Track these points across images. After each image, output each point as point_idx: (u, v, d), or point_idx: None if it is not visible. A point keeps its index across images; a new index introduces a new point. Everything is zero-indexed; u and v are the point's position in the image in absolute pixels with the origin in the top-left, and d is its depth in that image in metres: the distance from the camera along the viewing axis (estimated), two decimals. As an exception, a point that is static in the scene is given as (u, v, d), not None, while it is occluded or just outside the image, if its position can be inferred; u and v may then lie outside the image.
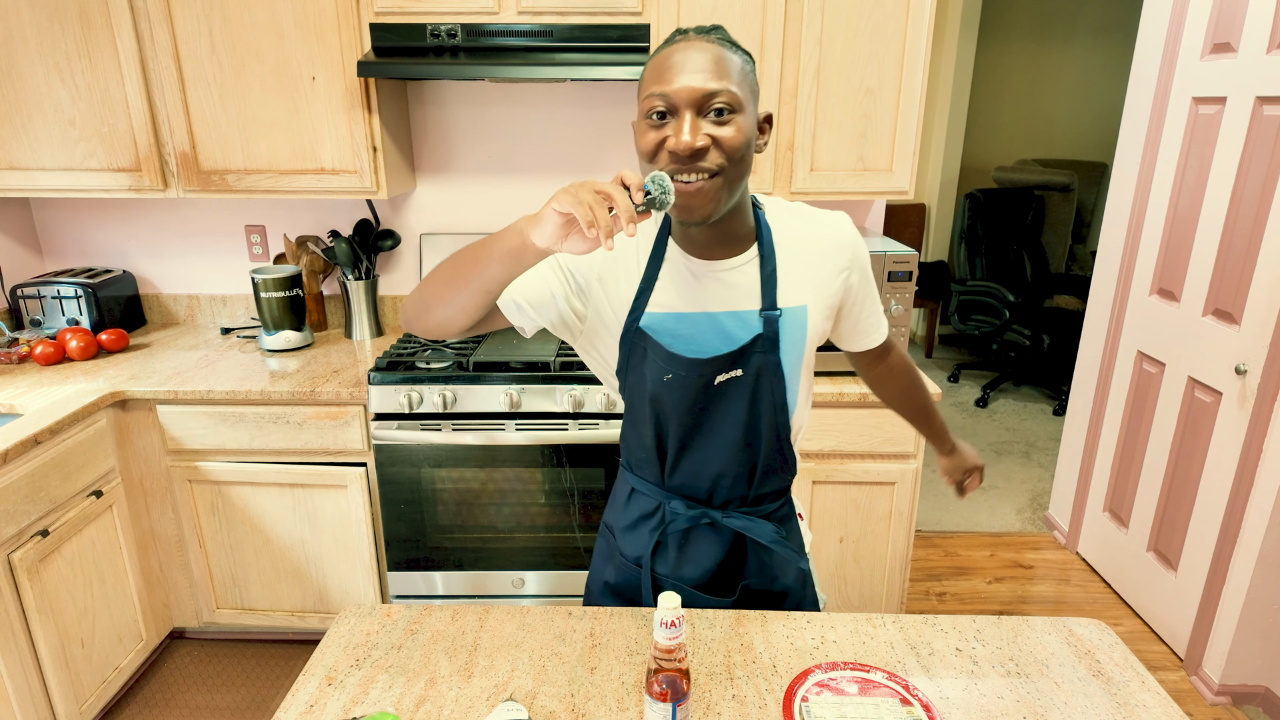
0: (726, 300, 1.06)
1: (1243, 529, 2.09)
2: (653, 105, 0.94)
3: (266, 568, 2.22)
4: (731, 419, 1.09)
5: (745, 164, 0.97)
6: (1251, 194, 2.06)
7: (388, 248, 2.48)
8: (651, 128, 0.95)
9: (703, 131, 0.92)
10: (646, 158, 0.96)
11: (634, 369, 1.10)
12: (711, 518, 1.14)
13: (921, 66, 2.05)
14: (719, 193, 0.95)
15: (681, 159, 0.92)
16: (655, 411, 1.10)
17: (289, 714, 0.97)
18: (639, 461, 1.18)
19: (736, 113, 0.94)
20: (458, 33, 2.02)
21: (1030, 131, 5.16)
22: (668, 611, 0.85)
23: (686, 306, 1.06)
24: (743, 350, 1.06)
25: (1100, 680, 1.03)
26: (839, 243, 1.11)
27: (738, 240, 1.06)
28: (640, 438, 1.15)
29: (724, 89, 0.92)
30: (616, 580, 1.23)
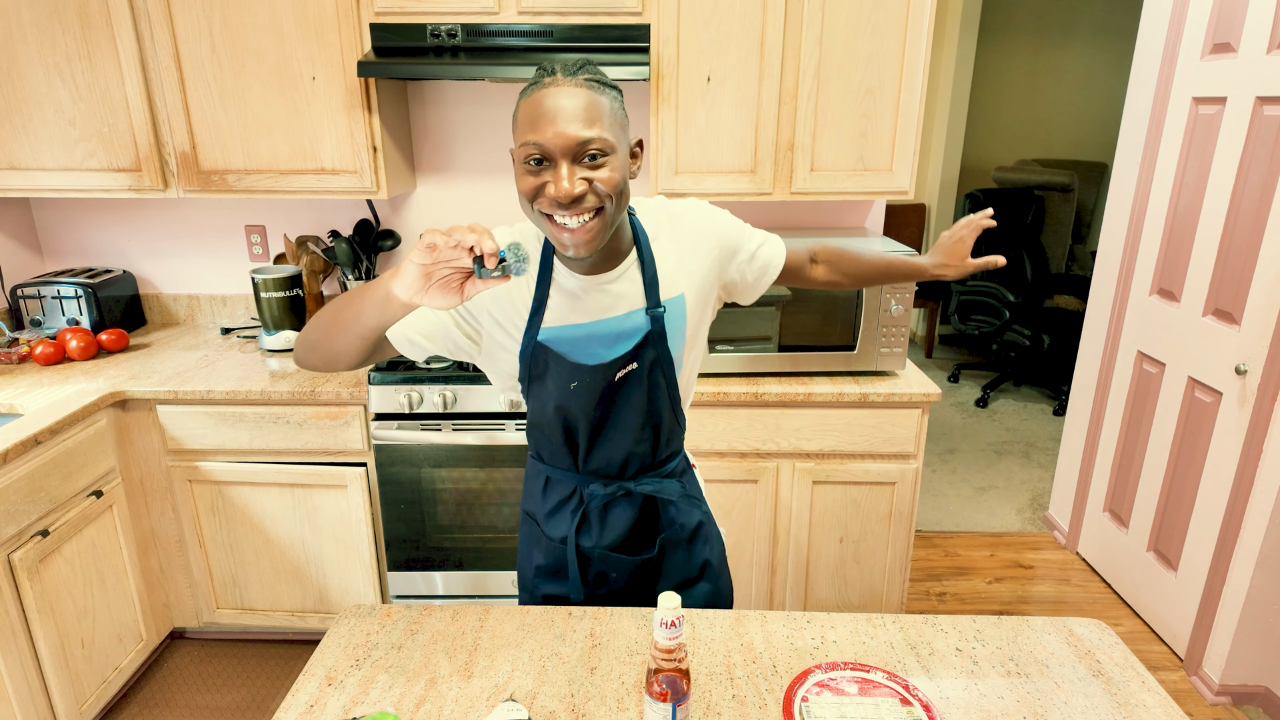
0: (614, 307, 1.15)
1: (1243, 529, 2.09)
2: (529, 153, 0.99)
3: (266, 568, 2.22)
4: (633, 405, 1.18)
5: (624, 197, 1.04)
6: (1252, 194, 2.06)
7: (388, 248, 2.48)
8: (529, 173, 1.00)
9: (579, 177, 0.98)
10: (528, 199, 1.02)
11: (537, 379, 1.18)
12: (626, 488, 1.23)
13: (922, 66, 2.05)
14: (602, 229, 1.02)
15: (563, 205, 0.98)
16: (563, 415, 1.18)
17: (289, 714, 0.97)
18: (551, 454, 1.25)
19: (610, 155, 1.00)
20: (458, 33, 2.02)
21: (1030, 131, 5.16)
22: (668, 612, 0.85)
23: (579, 318, 1.15)
24: (637, 348, 1.15)
25: (1100, 680, 1.03)
26: (699, 226, 1.21)
27: (618, 254, 1.14)
28: (550, 437, 1.23)
29: (596, 136, 0.97)
30: (546, 561, 1.29)
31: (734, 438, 2.09)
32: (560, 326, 1.14)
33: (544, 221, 1.02)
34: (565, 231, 1.00)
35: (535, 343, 1.14)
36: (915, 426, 2.07)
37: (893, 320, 2.09)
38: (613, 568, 1.25)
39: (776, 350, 2.11)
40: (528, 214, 1.05)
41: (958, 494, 3.36)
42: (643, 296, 1.16)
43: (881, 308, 2.07)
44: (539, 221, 1.04)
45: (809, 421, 2.07)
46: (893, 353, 2.12)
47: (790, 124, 2.10)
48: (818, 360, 2.12)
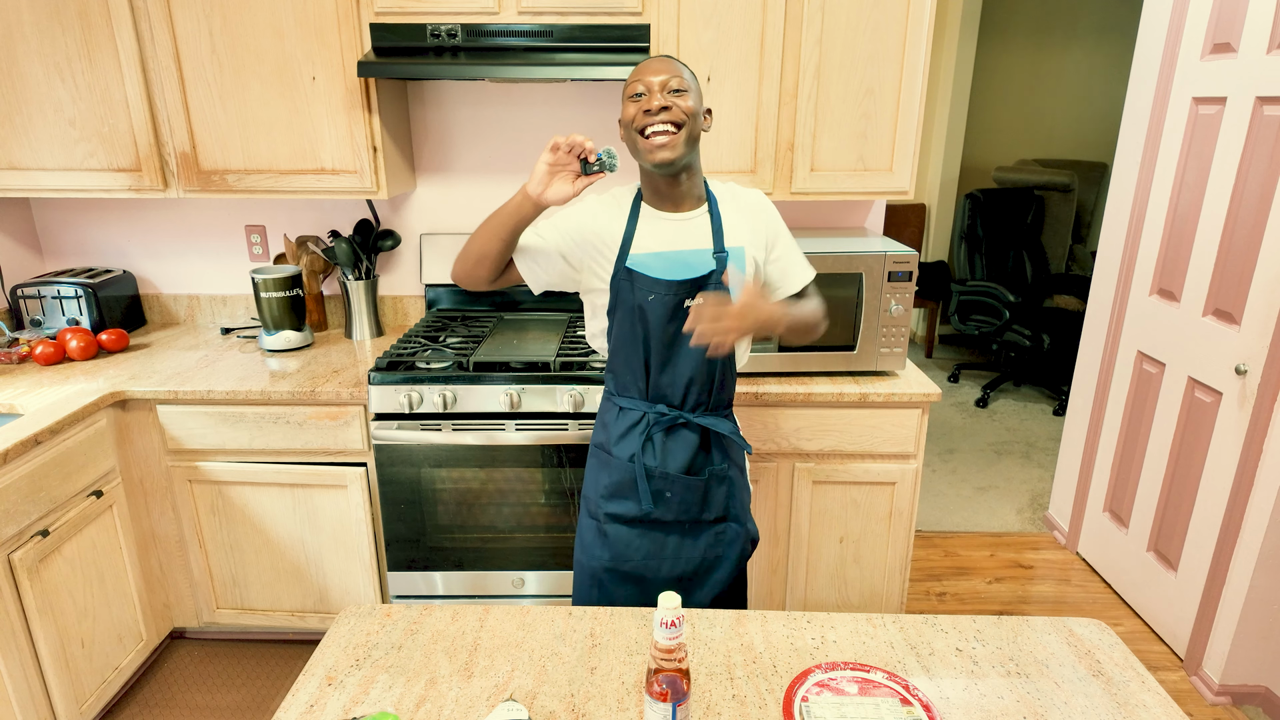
0: (688, 242, 1.46)
1: (1243, 529, 2.09)
2: (633, 89, 1.38)
3: (266, 568, 2.22)
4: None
5: (696, 125, 1.39)
6: (1252, 194, 2.06)
7: (388, 248, 2.48)
8: (633, 104, 1.38)
9: (667, 98, 1.35)
10: (629, 122, 1.38)
11: (622, 303, 1.46)
12: (685, 418, 1.48)
13: (922, 66, 2.05)
14: (680, 143, 1.36)
15: (653, 112, 1.34)
16: (642, 331, 1.44)
17: (289, 714, 0.97)
18: (625, 384, 1.52)
19: (687, 92, 1.37)
20: (458, 33, 2.02)
21: (1030, 131, 5.16)
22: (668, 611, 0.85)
23: (660, 247, 1.45)
24: (703, 279, 1.43)
25: (1100, 680, 1.03)
26: (758, 204, 1.53)
27: (693, 199, 1.48)
28: (628, 360, 1.49)
29: (677, 76, 1.37)
30: (611, 479, 1.52)
31: (734, 438, 2.09)
32: (644, 254, 1.44)
33: (639, 140, 1.36)
34: (655, 138, 1.34)
35: (623, 267, 1.44)
36: (915, 426, 2.07)
37: (893, 320, 2.09)
38: (670, 487, 1.49)
39: (776, 350, 2.11)
40: (629, 143, 1.40)
41: (958, 494, 3.36)
42: (710, 240, 1.46)
43: (881, 308, 2.07)
44: (636, 145, 1.37)
45: (809, 421, 2.07)
46: (893, 353, 2.12)
47: (790, 124, 2.10)
48: (818, 360, 2.12)
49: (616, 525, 1.53)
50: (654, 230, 1.45)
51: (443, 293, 2.55)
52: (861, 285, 2.06)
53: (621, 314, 1.47)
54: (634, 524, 1.52)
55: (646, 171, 1.44)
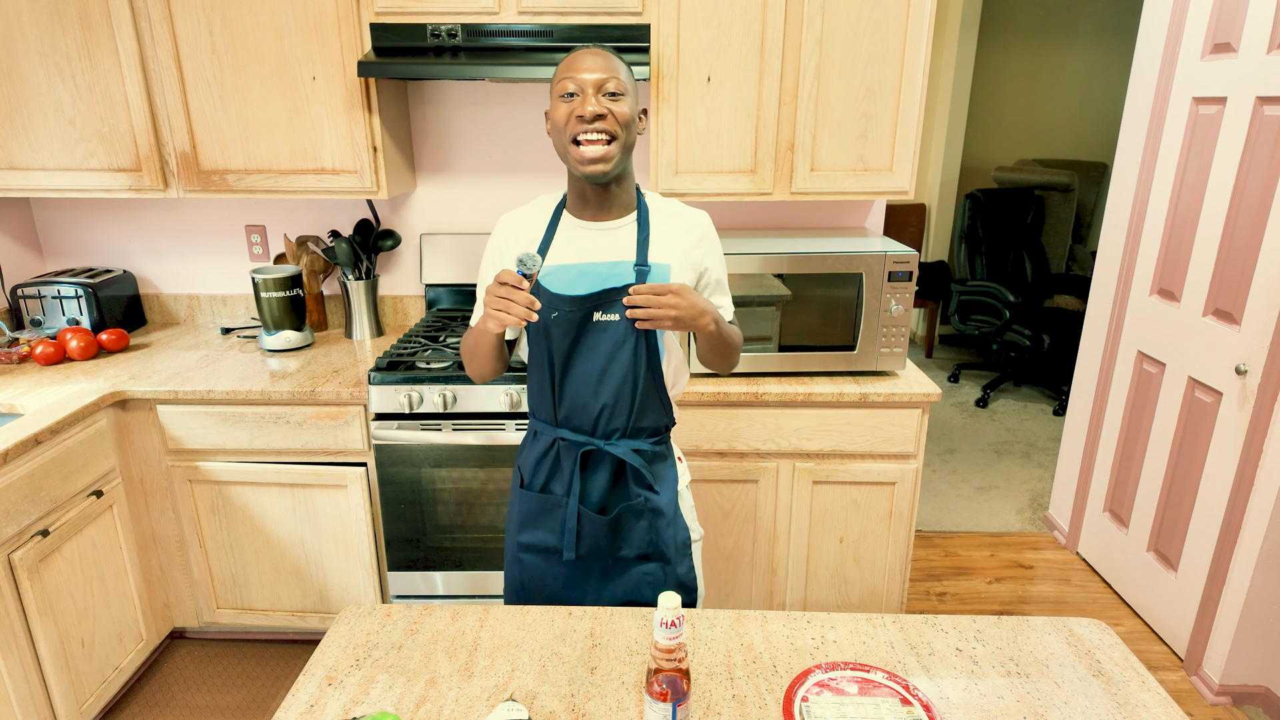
0: (607, 252, 1.35)
1: (1243, 529, 2.09)
2: (564, 87, 1.27)
3: (267, 568, 2.22)
4: (610, 356, 1.34)
5: (632, 133, 1.30)
6: (1252, 194, 2.06)
7: (388, 248, 2.48)
8: (563, 104, 1.27)
9: (602, 104, 1.25)
10: (560, 126, 1.27)
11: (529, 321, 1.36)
12: (595, 445, 1.36)
13: (922, 66, 2.05)
14: (615, 153, 1.27)
15: (586, 120, 1.24)
16: (547, 349, 1.35)
17: (289, 714, 0.97)
18: (536, 404, 1.42)
19: (624, 96, 1.27)
20: (458, 33, 2.02)
21: (1030, 131, 5.16)
22: (668, 612, 0.85)
23: (574, 258, 1.35)
24: (614, 291, 1.32)
25: (1100, 680, 1.03)
26: (693, 225, 1.41)
27: (622, 207, 1.37)
28: (538, 382, 1.39)
29: (614, 78, 1.26)
30: (522, 507, 1.44)
31: (734, 438, 2.09)
32: (557, 266, 1.34)
33: (570, 148, 1.27)
34: (587, 147, 1.25)
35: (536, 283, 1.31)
36: (915, 426, 2.07)
37: (893, 320, 2.09)
38: (579, 522, 1.38)
39: (776, 350, 2.11)
40: (558, 146, 1.30)
41: (958, 494, 3.36)
42: (634, 251, 1.35)
43: (881, 308, 2.07)
44: (566, 150, 1.27)
45: (809, 421, 2.07)
46: (893, 353, 2.12)
47: (790, 124, 2.10)
48: (818, 360, 2.12)
49: (530, 554, 1.44)
50: (572, 241, 1.36)
51: (443, 293, 2.55)
52: (861, 285, 2.06)
53: (530, 331, 1.37)
54: (548, 554, 1.42)
55: (574, 176, 1.34)
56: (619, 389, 1.35)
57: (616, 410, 1.36)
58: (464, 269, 2.49)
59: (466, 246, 2.48)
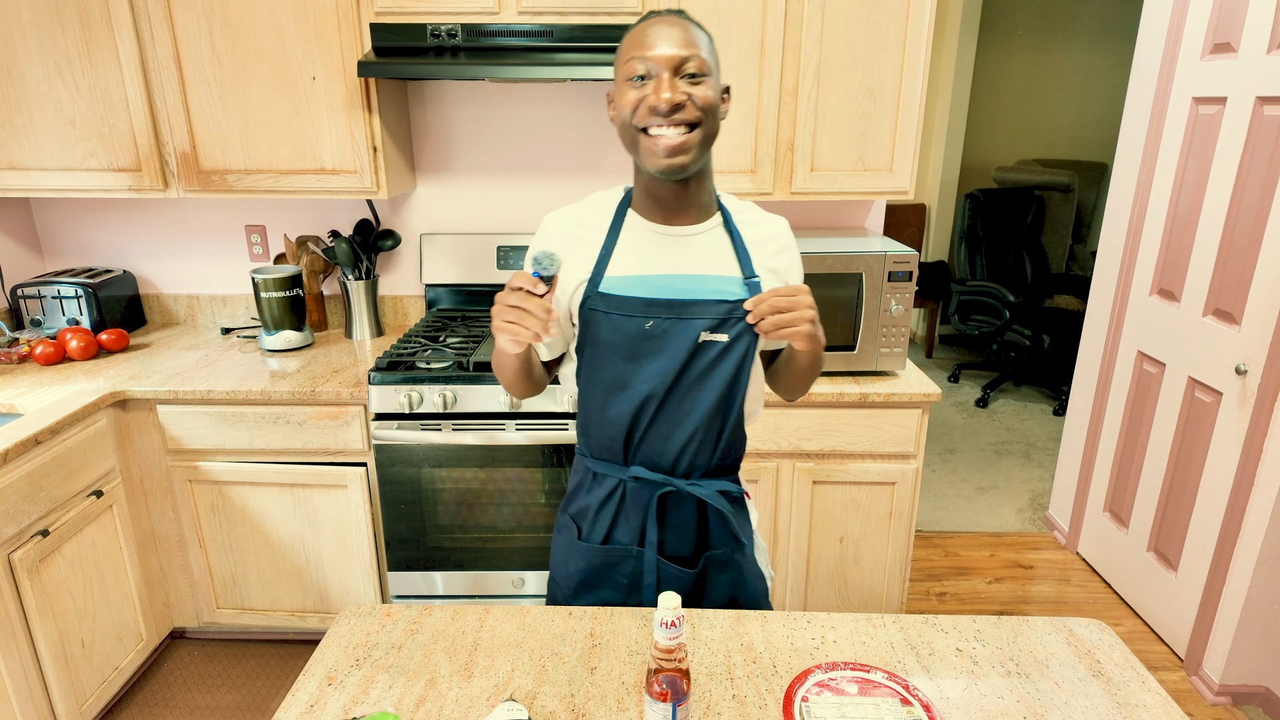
0: (696, 263, 1.13)
1: (1243, 529, 2.09)
2: (633, 69, 1.05)
3: (266, 568, 2.22)
4: (712, 383, 1.13)
5: (715, 122, 1.08)
6: (1252, 194, 2.06)
7: (388, 248, 2.48)
8: (632, 88, 1.06)
9: (680, 89, 1.04)
10: (627, 116, 1.07)
11: (595, 337, 1.13)
12: (675, 486, 1.16)
13: (922, 66, 2.05)
14: (696, 145, 1.06)
15: (662, 112, 1.03)
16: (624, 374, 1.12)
17: (289, 714, 0.97)
18: (598, 443, 1.20)
19: (707, 76, 1.06)
20: (458, 33, 2.02)
21: (1030, 131, 5.16)
22: (668, 611, 0.85)
23: (655, 268, 1.12)
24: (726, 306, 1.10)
25: (1100, 680, 1.03)
26: (775, 233, 1.21)
27: (702, 208, 1.15)
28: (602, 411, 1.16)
29: (695, 55, 1.04)
30: (581, 565, 1.24)
31: (734, 438, 2.08)
32: (626, 276, 1.11)
33: (640, 139, 1.07)
34: (661, 141, 1.04)
35: (596, 293, 1.11)
36: (915, 426, 2.07)
37: (893, 320, 2.09)
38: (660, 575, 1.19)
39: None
40: (625, 137, 1.09)
41: (958, 494, 3.36)
42: (734, 260, 1.14)
43: (881, 308, 2.07)
44: (636, 140, 1.08)
45: (809, 421, 2.07)
46: (893, 353, 2.12)
47: (790, 124, 2.10)
48: (818, 360, 2.12)
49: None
50: (642, 248, 1.13)
51: (443, 293, 2.55)
52: (861, 285, 2.06)
53: (594, 351, 1.14)
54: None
55: (643, 172, 1.13)
56: (709, 420, 1.14)
57: (703, 445, 1.16)
58: (464, 269, 2.49)
59: (466, 246, 2.48)
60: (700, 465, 1.18)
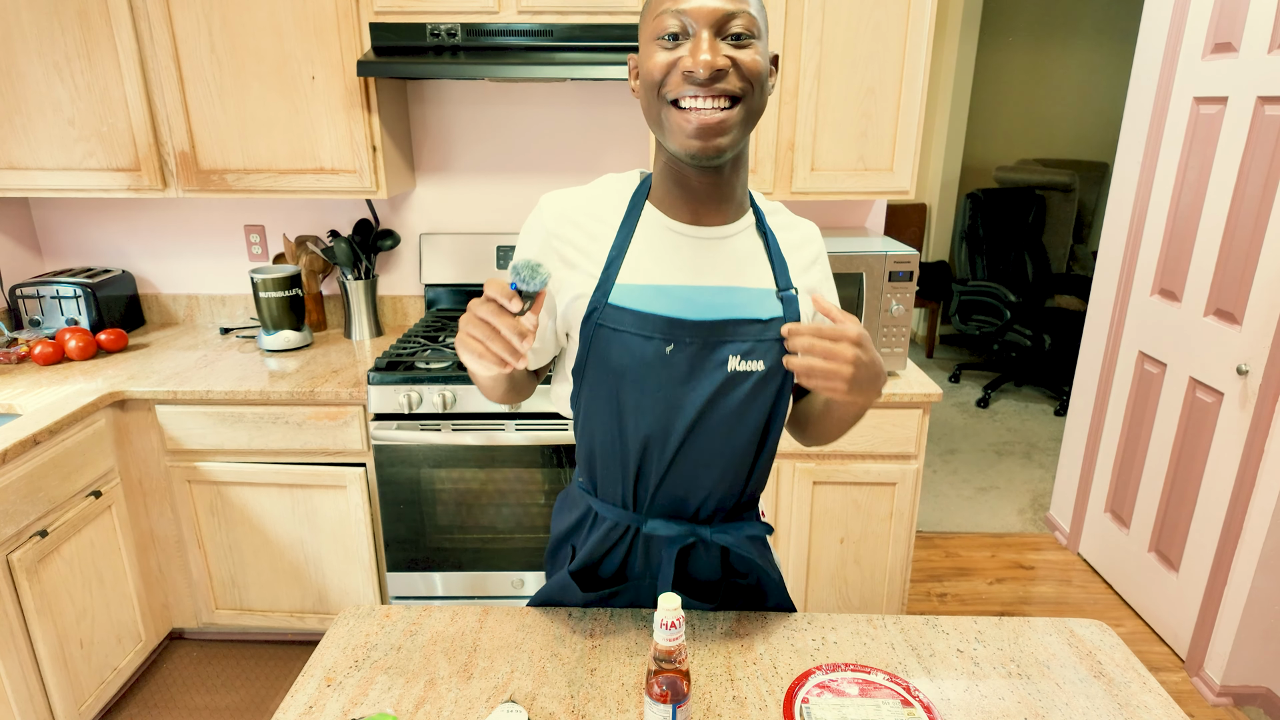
0: (727, 272, 0.94)
1: (1244, 530, 2.08)
2: (663, 25, 0.84)
3: (265, 568, 2.22)
4: (745, 419, 0.95)
5: (762, 98, 0.89)
6: (1253, 194, 2.06)
7: (387, 247, 2.48)
8: (661, 49, 0.85)
9: (722, 53, 0.83)
10: (653, 84, 0.87)
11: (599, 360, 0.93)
12: (698, 535, 1.02)
13: (922, 66, 2.04)
14: (739, 124, 0.86)
15: (699, 80, 0.83)
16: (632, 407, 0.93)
17: (288, 715, 0.97)
18: (602, 483, 1.02)
19: (755, 38, 0.85)
20: (457, 32, 2.02)
21: (1031, 131, 5.16)
22: (668, 613, 0.84)
23: (670, 278, 0.92)
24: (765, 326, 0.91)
25: (1101, 681, 1.03)
26: (808, 238, 1.03)
27: (735, 204, 0.96)
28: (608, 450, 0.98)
29: (743, 10, 0.84)
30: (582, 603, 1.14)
31: (734, 438, 2.08)
32: (647, 286, 0.91)
33: (668, 112, 0.87)
34: (695, 114, 0.84)
35: (605, 304, 0.91)
36: (916, 427, 2.07)
37: (893, 320, 2.08)
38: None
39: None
40: (649, 111, 0.90)
41: (959, 494, 3.36)
42: (767, 269, 0.95)
43: (882, 308, 2.07)
44: (662, 114, 0.87)
45: (809, 422, 2.06)
46: (893, 353, 2.11)
47: (790, 123, 2.10)
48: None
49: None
50: (660, 250, 0.93)
51: (442, 292, 2.55)
52: (862, 285, 2.06)
53: (597, 377, 0.94)
54: None
55: (668, 156, 0.93)
56: (739, 461, 0.98)
57: (731, 488, 1.00)
58: (464, 269, 2.49)
59: (466, 246, 2.48)
60: (726, 508, 1.03)
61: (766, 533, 1.08)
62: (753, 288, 0.95)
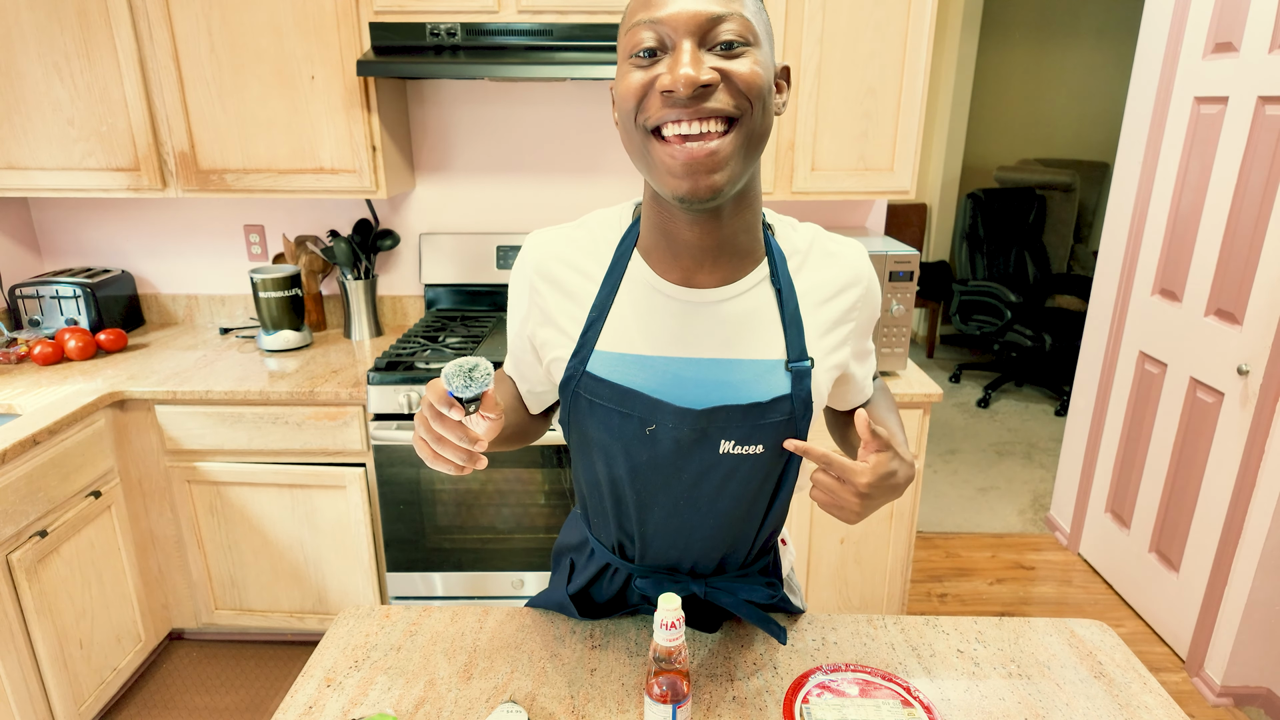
0: (723, 342, 0.80)
1: (1245, 530, 2.08)
2: (638, 40, 0.69)
3: (265, 569, 2.22)
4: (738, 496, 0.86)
5: (767, 117, 0.72)
6: (1253, 194, 2.05)
7: (387, 247, 2.48)
8: (636, 68, 0.70)
9: (707, 65, 0.68)
10: (629, 111, 0.71)
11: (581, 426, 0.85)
12: (693, 592, 0.97)
13: (923, 66, 2.04)
14: (735, 153, 0.69)
15: (680, 101, 0.67)
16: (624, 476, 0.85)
17: (288, 715, 0.97)
18: (601, 533, 0.98)
19: (752, 46, 0.69)
20: (457, 31, 2.02)
21: (1032, 131, 5.16)
22: (668, 613, 0.84)
23: (654, 349, 0.80)
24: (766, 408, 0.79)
25: (1102, 682, 1.02)
26: (854, 275, 0.85)
27: (741, 255, 0.79)
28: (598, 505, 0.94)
29: (733, 13, 0.68)
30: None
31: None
32: (628, 356, 0.80)
33: (650, 145, 0.71)
34: (681, 147, 0.68)
35: (583, 372, 0.81)
36: (916, 427, 2.06)
37: (894, 320, 2.08)
38: None
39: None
40: (629, 143, 0.74)
41: (959, 494, 3.36)
42: (779, 333, 0.80)
43: (883, 308, 2.07)
44: (645, 148, 0.72)
45: (809, 422, 2.06)
46: (894, 353, 2.11)
47: (791, 123, 2.10)
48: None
49: None
50: (644, 313, 0.81)
51: (442, 292, 2.55)
52: (862, 285, 2.05)
53: (580, 440, 0.88)
54: None
55: (653, 193, 0.78)
56: (739, 530, 0.91)
57: (732, 552, 0.94)
58: (463, 269, 2.49)
59: (466, 246, 2.47)
60: (732, 566, 0.97)
61: (769, 598, 1.00)
62: (755, 359, 0.81)
